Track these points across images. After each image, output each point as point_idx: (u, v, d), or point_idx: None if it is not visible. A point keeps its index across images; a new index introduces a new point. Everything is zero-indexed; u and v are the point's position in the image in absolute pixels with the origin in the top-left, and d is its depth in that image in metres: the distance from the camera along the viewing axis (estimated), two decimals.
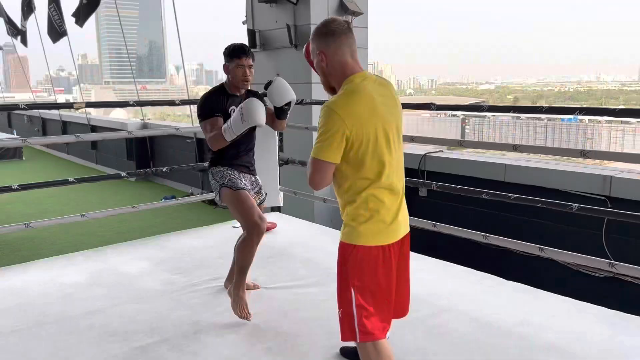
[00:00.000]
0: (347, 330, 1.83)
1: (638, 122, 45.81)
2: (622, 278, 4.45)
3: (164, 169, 3.91)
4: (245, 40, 6.37)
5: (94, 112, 14.00)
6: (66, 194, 9.79)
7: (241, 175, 2.83)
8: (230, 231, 4.33)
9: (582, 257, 2.83)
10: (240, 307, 2.67)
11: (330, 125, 1.69)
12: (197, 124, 2.89)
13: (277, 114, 2.84)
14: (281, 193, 4.42)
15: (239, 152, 2.83)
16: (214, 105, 2.72)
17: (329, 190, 6.36)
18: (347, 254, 1.80)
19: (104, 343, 2.54)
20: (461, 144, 3.29)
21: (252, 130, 2.79)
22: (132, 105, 3.54)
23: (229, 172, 2.79)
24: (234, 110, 2.69)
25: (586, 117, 54.61)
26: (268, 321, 2.75)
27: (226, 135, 2.59)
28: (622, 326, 2.63)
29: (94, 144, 13.22)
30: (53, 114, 15.20)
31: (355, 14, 5.99)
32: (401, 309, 1.97)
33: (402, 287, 1.93)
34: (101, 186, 10.45)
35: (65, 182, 3.65)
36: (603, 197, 4.43)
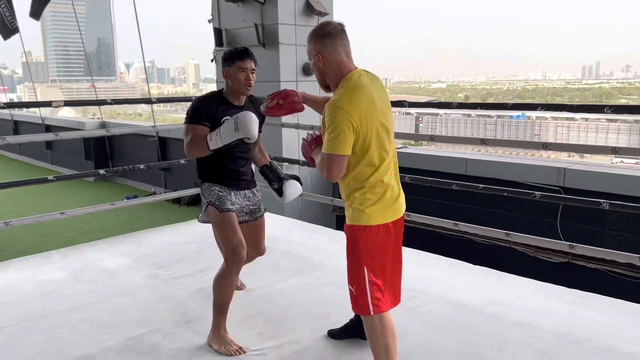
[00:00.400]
0: (361, 305, 1.97)
1: (582, 118, 48.07)
2: (575, 262, 4.80)
3: (142, 167, 3.95)
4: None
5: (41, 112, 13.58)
6: (22, 196, 9.52)
7: (233, 192, 2.59)
8: (207, 227, 4.41)
9: (546, 240, 3.08)
10: (226, 345, 2.41)
11: (340, 121, 1.83)
12: (158, 122, 2.77)
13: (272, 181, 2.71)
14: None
15: (234, 168, 2.59)
16: (202, 111, 2.46)
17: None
18: (359, 235, 1.95)
19: (97, 335, 2.59)
20: (432, 138, 3.52)
21: (245, 142, 2.54)
22: (110, 104, 3.56)
23: (218, 189, 2.56)
24: (227, 120, 2.44)
25: (534, 114, 56.73)
26: (256, 309, 2.87)
27: (211, 143, 2.37)
28: (580, 302, 2.90)
29: (49, 144, 12.87)
30: (4, 113, 14.68)
31: (321, 14, 6.14)
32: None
33: (398, 261, 2.11)
34: (58, 187, 10.19)
35: (44, 180, 3.63)
36: (557, 188, 4.75)
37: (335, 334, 2.50)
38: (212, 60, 6.92)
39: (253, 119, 2.36)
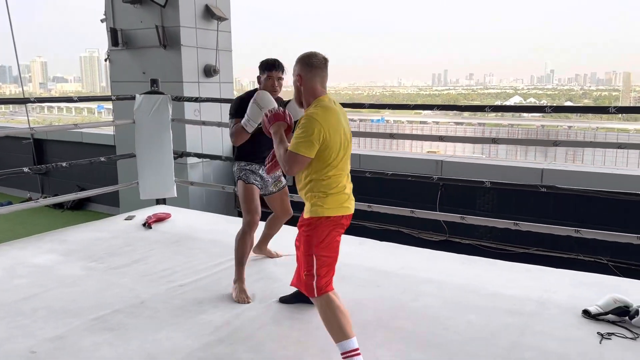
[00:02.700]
0: (308, 287, 2.35)
1: (434, 122, 52.77)
2: (452, 239, 5.68)
3: (64, 164, 3.96)
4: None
5: None
6: None
7: (259, 168, 3.17)
8: (128, 223, 4.53)
9: (446, 214, 3.77)
10: (238, 293, 2.98)
11: (312, 129, 2.24)
12: (34, 124, 2.96)
13: None
14: (175, 184, 4.71)
15: (259, 149, 3.12)
16: (243, 105, 2.97)
17: (213, 179, 6.75)
18: (314, 227, 2.33)
19: (59, 319, 2.71)
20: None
21: None
22: (33, 102, 3.55)
23: (247, 167, 3.17)
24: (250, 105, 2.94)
25: (392, 118, 60.98)
26: (204, 288, 3.16)
27: (247, 127, 2.92)
28: (469, 263, 3.62)
29: None
30: None
31: (220, 19, 6.43)
32: None
33: None
34: None
35: None
36: (436, 177, 5.58)
37: (286, 300, 2.91)
38: (106, 60, 6.85)
39: (268, 95, 2.90)
